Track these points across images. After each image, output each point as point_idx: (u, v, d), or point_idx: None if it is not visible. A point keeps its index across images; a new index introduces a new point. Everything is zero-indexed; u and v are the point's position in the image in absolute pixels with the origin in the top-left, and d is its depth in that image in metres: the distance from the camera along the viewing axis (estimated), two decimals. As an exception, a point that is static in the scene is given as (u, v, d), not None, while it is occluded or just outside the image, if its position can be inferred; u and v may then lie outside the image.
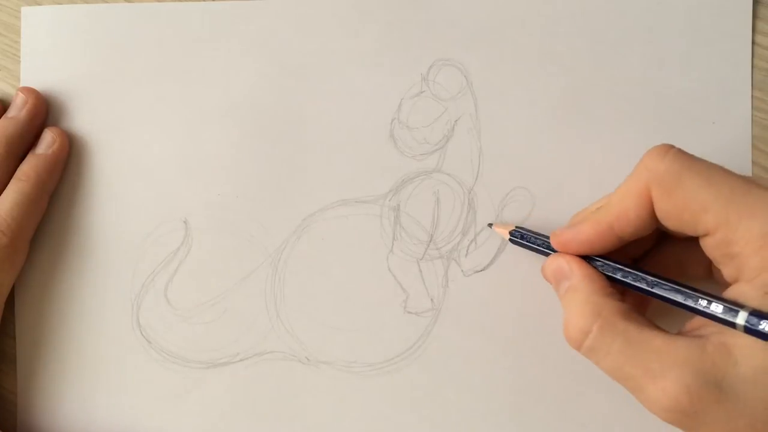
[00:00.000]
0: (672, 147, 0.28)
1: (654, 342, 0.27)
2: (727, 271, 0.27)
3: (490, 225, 0.36)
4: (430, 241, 0.37)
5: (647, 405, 0.27)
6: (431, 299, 0.36)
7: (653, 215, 0.28)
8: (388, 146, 0.37)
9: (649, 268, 0.30)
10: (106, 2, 0.38)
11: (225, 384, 0.37)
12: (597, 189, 0.35)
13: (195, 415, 0.37)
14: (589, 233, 0.30)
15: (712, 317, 0.26)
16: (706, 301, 0.26)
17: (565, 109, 0.36)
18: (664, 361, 0.26)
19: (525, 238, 0.34)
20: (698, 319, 0.28)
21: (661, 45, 0.36)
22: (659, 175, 0.27)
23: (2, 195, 0.36)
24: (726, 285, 0.28)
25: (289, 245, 0.37)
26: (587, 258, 0.31)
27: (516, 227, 0.34)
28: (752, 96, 0.36)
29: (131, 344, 0.37)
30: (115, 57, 0.38)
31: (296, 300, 0.37)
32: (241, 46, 0.38)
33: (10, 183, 0.37)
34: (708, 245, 0.27)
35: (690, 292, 0.27)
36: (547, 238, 0.32)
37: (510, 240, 0.34)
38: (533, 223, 0.36)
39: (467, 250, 0.36)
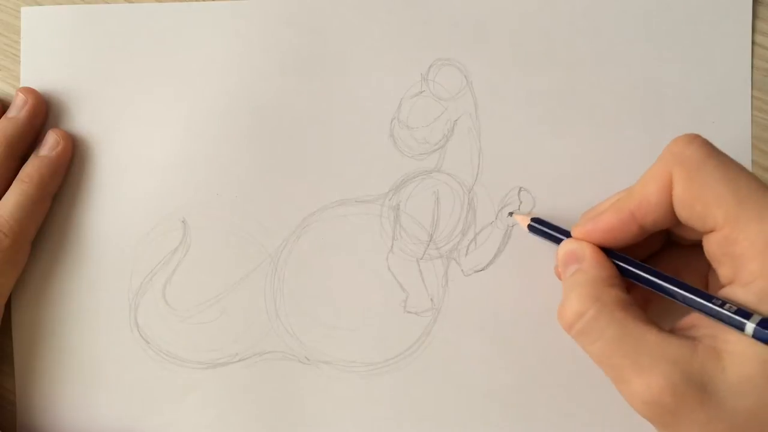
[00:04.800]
0: (699, 136, 0.28)
1: (647, 336, 0.27)
2: (723, 271, 0.27)
3: (510, 214, 0.36)
4: (430, 241, 0.37)
5: (628, 397, 0.27)
6: (431, 299, 0.36)
7: (672, 204, 0.28)
8: (387, 146, 0.37)
9: None
10: (106, 2, 0.38)
11: (224, 384, 0.37)
12: (597, 189, 0.35)
13: (194, 416, 0.37)
14: (611, 221, 0.29)
15: (724, 318, 0.26)
16: (720, 302, 0.26)
17: (565, 109, 0.36)
18: (654, 357, 0.26)
19: (545, 226, 0.33)
20: (691, 318, 0.28)
21: (661, 45, 0.36)
22: (683, 159, 0.27)
23: (5, 196, 0.36)
24: (719, 288, 0.28)
25: (289, 245, 0.37)
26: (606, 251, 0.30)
27: (535, 217, 0.34)
28: (752, 96, 0.36)
29: (130, 344, 0.37)
30: (115, 57, 0.38)
31: (296, 300, 0.37)
32: (241, 45, 0.38)
33: (13, 184, 0.37)
34: (711, 241, 0.27)
35: (705, 293, 0.27)
36: (567, 230, 0.32)
37: (529, 228, 0.34)
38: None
39: (467, 250, 0.36)
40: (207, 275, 0.37)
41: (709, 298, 0.27)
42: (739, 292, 0.26)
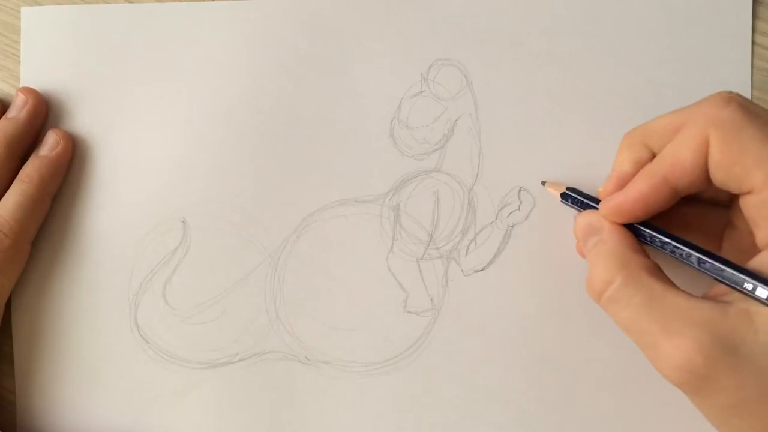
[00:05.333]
0: (736, 96, 0.27)
1: (676, 300, 0.26)
2: (761, 234, 0.27)
3: (543, 183, 0.35)
4: (430, 241, 0.37)
5: (658, 363, 0.26)
6: (431, 299, 0.36)
7: (707, 166, 0.27)
8: (388, 146, 0.37)
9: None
10: (107, 2, 0.38)
11: (224, 384, 0.37)
12: (597, 189, 0.35)
13: (194, 416, 0.37)
14: (642, 189, 0.29)
15: (757, 300, 0.26)
16: (751, 285, 0.26)
17: (564, 109, 0.36)
18: (684, 320, 0.26)
19: (576, 202, 0.33)
20: (723, 286, 0.28)
21: (661, 45, 0.36)
22: (720, 121, 0.27)
23: (5, 197, 0.36)
24: (749, 251, 0.27)
25: (289, 245, 0.37)
26: (634, 229, 0.30)
27: (569, 187, 0.34)
28: (752, 96, 0.36)
29: (129, 344, 0.37)
30: (114, 57, 0.38)
31: (296, 300, 0.37)
32: (241, 45, 0.38)
33: (13, 184, 0.37)
34: (749, 204, 0.27)
35: (736, 273, 0.27)
36: (598, 201, 0.31)
37: (562, 197, 0.34)
38: (533, 224, 0.36)
39: (467, 250, 0.36)
40: (207, 275, 0.37)
41: (742, 282, 0.26)
42: None
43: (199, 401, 0.37)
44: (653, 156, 0.30)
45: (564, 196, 0.34)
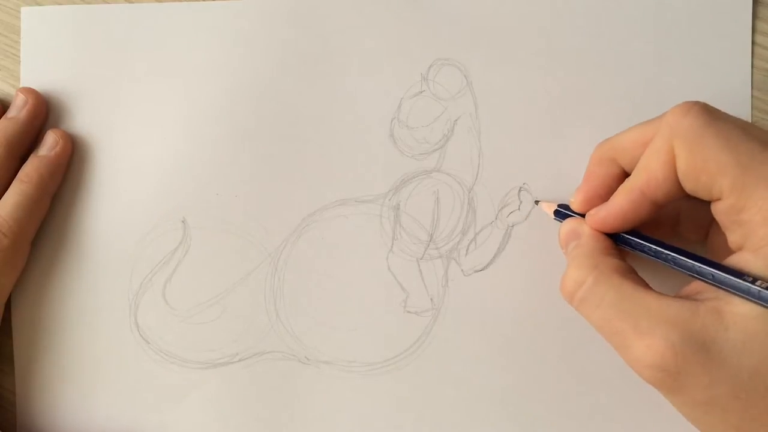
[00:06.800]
0: (696, 104, 0.27)
1: (646, 299, 0.27)
2: (733, 237, 0.27)
3: (537, 202, 0.36)
4: (430, 241, 0.37)
5: (631, 362, 0.27)
6: (431, 299, 0.36)
7: (677, 177, 0.28)
8: (387, 146, 0.37)
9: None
10: (107, 2, 0.38)
11: (224, 384, 0.37)
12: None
13: (194, 416, 0.37)
14: (623, 204, 0.29)
15: (753, 294, 0.25)
16: (752, 279, 0.25)
17: (565, 109, 0.36)
18: (654, 319, 0.26)
19: (566, 217, 0.33)
20: (696, 285, 0.28)
21: (661, 45, 0.36)
22: (682, 130, 0.27)
23: (4, 196, 0.36)
24: (724, 252, 0.28)
25: (289, 245, 0.37)
26: (619, 236, 0.30)
27: (560, 204, 0.34)
28: (752, 96, 0.36)
29: (129, 344, 0.37)
30: (114, 57, 0.38)
31: (296, 300, 0.37)
32: (241, 45, 0.38)
33: (12, 184, 0.37)
34: (719, 209, 0.27)
35: (705, 267, 0.27)
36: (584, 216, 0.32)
37: (555, 217, 0.34)
38: (533, 223, 0.36)
39: (467, 250, 0.36)
40: (207, 275, 0.37)
41: (739, 275, 0.26)
42: (749, 258, 0.26)
43: (199, 401, 0.37)
44: (622, 171, 0.31)
45: (557, 213, 0.34)
